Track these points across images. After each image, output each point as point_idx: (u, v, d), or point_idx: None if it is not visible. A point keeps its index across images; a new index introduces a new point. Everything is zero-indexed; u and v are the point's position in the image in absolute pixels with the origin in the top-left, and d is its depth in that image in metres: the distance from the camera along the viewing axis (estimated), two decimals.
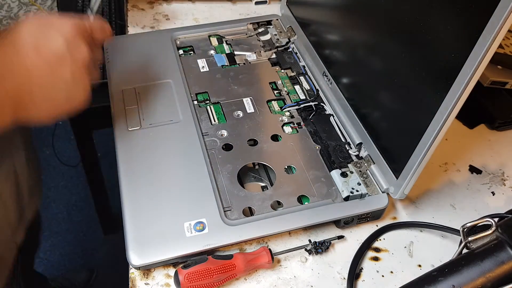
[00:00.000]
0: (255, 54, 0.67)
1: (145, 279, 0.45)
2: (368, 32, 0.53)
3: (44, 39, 0.41)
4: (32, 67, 0.40)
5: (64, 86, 0.42)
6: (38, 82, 0.41)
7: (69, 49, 0.42)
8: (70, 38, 0.42)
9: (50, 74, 0.41)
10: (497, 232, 0.38)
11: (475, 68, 0.37)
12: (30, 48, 0.40)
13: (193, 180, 0.50)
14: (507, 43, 0.69)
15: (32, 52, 0.40)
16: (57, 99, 0.43)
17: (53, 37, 0.41)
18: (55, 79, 0.41)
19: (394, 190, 0.49)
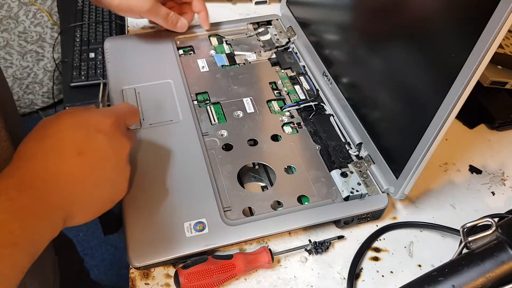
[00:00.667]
0: (255, 54, 0.67)
1: (145, 279, 0.45)
2: (368, 32, 0.53)
3: (86, 141, 0.40)
4: (77, 173, 0.39)
5: (109, 183, 0.42)
6: (84, 187, 0.40)
7: (111, 146, 0.41)
8: (111, 135, 0.42)
9: (95, 176, 0.40)
10: (497, 232, 0.38)
11: (475, 68, 0.37)
12: (73, 153, 0.39)
13: (193, 180, 0.50)
14: (507, 43, 0.69)
15: (75, 157, 0.39)
16: (103, 198, 0.42)
17: (94, 137, 0.40)
18: (101, 178, 0.41)
19: (394, 190, 0.49)
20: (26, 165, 0.38)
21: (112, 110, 0.44)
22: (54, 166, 0.38)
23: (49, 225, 0.37)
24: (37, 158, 0.38)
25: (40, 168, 0.37)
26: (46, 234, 0.37)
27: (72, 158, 0.39)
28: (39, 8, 1.64)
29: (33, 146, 0.39)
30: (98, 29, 1.37)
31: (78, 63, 1.27)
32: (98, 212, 0.42)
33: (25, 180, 0.36)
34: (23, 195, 0.35)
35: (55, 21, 1.65)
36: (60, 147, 0.39)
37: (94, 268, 1.37)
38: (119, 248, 1.41)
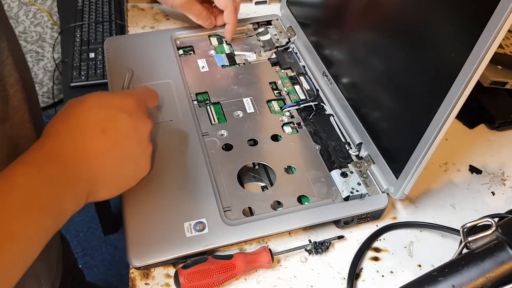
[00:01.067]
0: (255, 54, 0.67)
1: (145, 279, 0.45)
2: (368, 32, 0.53)
3: (109, 120, 0.42)
4: (102, 150, 0.41)
5: (132, 160, 0.44)
6: (108, 163, 0.42)
7: (134, 125, 0.43)
8: (133, 114, 0.44)
9: (118, 153, 0.42)
10: (497, 232, 0.38)
11: (475, 68, 0.37)
12: (97, 131, 0.41)
13: (193, 180, 0.50)
14: (507, 43, 0.69)
15: (100, 134, 0.41)
16: (126, 174, 0.45)
17: (118, 117, 0.43)
18: (124, 155, 0.43)
19: (394, 190, 0.49)
20: (53, 140, 0.40)
21: (134, 92, 0.46)
22: (80, 142, 0.40)
23: (74, 197, 0.39)
24: (63, 135, 0.40)
25: (66, 143, 0.40)
26: (70, 205, 0.39)
27: (97, 135, 0.41)
28: (39, 8, 1.64)
29: (59, 125, 0.41)
30: (98, 29, 1.37)
31: (78, 63, 1.27)
32: (121, 189, 0.45)
33: (53, 153, 0.38)
34: (51, 166, 0.38)
35: (55, 21, 1.65)
36: (85, 126, 0.41)
37: (94, 268, 1.37)
38: (119, 248, 1.41)
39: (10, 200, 0.34)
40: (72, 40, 1.34)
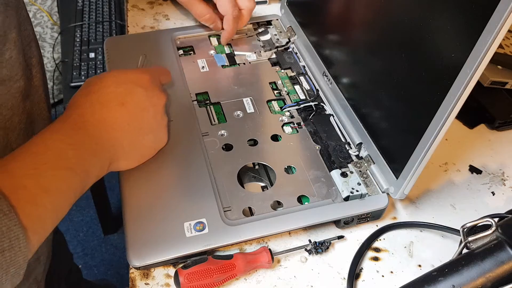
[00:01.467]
0: (255, 54, 0.67)
1: (145, 279, 0.45)
2: (368, 32, 0.53)
3: (127, 94, 0.46)
4: (121, 121, 0.45)
5: (149, 131, 0.48)
6: (128, 133, 0.46)
7: (149, 98, 0.47)
8: (149, 89, 0.47)
9: (137, 123, 0.46)
10: (497, 232, 0.38)
11: (475, 68, 0.37)
12: (117, 104, 0.45)
13: (193, 180, 0.50)
14: (507, 43, 0.69)
15: (119, 107, 0.45)
16: (145, 144, 0.48)
17: (134, 91, 0.46)
18: (142, 126, 0.46)
19: (394, 190, 0.49)
20: (77, 112, 0.43)
21: (148, 69, 0.50)
22: (100, 114, 0.44)
23: (98, 162, 0.43)
24: (86, 109, 0.44)
25: (89, 115, 0.43)
26: (95, 170, 0.43)
27: (116, 108, 0.44)
28: (39, 8, 1.64)
29: (81, 99, 0.45)
30: (98, 29, 1.37)
31: (78, 63, 1.27)
32: (140, 159, 0.49)
33: (77, 123, 0.42)
34: (77, 133, 0.42)
35: (55, 21, 1.65)
36: (105, 100, 0.44)
37: (94, 268, 1.37)
38: (119, 248, 1.41)
39: (43, 160, 0.38)
40: (72, 40, 1.34)
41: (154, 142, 0.49)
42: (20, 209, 0.35)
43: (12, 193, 0.35)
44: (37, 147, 0.39)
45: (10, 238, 0.33)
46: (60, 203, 0.39)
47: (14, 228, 0.34)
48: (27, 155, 0.38)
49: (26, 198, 0.36)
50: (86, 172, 0.41)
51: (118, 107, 0.45)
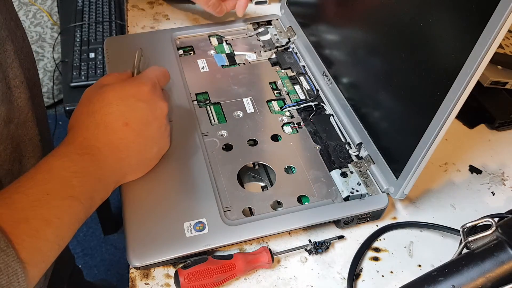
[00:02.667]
0: (255, 54, 0.67)
1: (145, 279, 0.45)
2: (368, 32, 0.53)
3: (130, 112, 0.45)
4: (127, 141, 0.45)
5: (154, 143, 0.48)
6: (134, 151, 0.46)
7: (152, 112, 0.47)
8: (150, 101, 0.47)
9: (142, 140, 0.46)
10: (497, 232, 0.38)
11: (475, 68, 0.37)
12: (121, 124, 0.44)
13: (193, 180, 0.50)
14: (507, 43, 0.69)
15: (123, 127, 0.45)
16: (150, 157, 0.49)
17: (136, 107, 0.46)
18: (146, 141, 0.47)
19: (394, 190, 0.49)
20: (82, 134, 0.43)
21: (147, 77, 0.49)
22: (105, 136, 0.44)
23: (103, 187, 0.43)
24: (91, 130, 0.44)
25: (94, 138, 0.43)
26: (100, 194, 0.43)
27: (120, 128, 0.44)
28: (39, 8, 1.64)
29: (85, 119, 0.44)
30: (98, 29, 1.37)
31: (78, 63, 1.27)
32: (147, 169, 0.49)
33: (83, 147, 0.42)
34: (82, 159, 0.41)
35: (55, 21, 1.65)
36: (109, 121, 0.44)
37: (94, 268, 1.37)
38: (119, 248, 1.41)
39: (47, 190, 0.38)
40: (72, 40, 1.34)
41: (158, 152, 0.50)
42: (20, 244, 0.34)
43: (13, 227, 0.34)
44: (41, 175, 0.39)
45: (8, 274, 0.33)
46: (62, 234, 0.39)
47: (12, 264, 0.33)
48: (30, 185, 0.38)
49: (27, 232, 0.35)
50: (91, 199, 0.41)
51: (122, 127, 0.44)
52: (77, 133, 0.44)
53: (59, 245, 0.39)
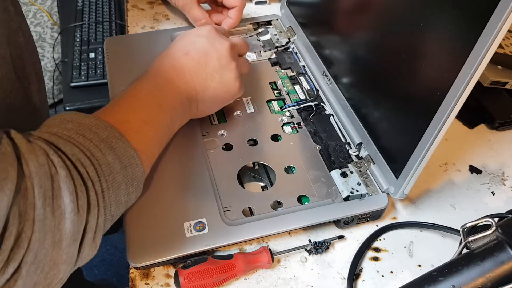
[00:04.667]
0: (255, 54, 0.67)
1: (145, 279, 0.45)
2: (368, 32, 0.53)
3: (190, 44, 0.52)
4: (188, 67, 0.50)
5: (215, 73, 0.51)
6: (196, 76, 0.50)
7: (211, 44, 0.52)
8: (209, 36, 0.52)
9: (202, 67, 0.51)
10: (497, 232, 0.38)
11: (475, 68, 0.37)
12: (182, 54, 0.51)
13: (193, 180, 0.50)
14: (507, 43, 0.69)
15: (184, 56, 0.51)
16: (214, 87, 0.52)
17: (196, 40, 0.52)
18: (207, 70, 0.51)
19: (394, 190, 0.49)
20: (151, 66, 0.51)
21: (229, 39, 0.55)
22: (169, 63, 0.51)
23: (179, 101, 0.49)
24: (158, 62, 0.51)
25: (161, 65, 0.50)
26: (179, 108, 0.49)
27: (181, 57, 0.51)
28: (39, 8, 1.64)
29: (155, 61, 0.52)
30: (98, 29, 1.37)
31: (78, 63, 1.27)
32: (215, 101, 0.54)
33: (154, 72, 0.50)
34: (156, 79, 0.49)
35: (55, 21, 1.65)
36: (172, 52, 0.52)
37: (94, 268, 1.37)
38: (119, 248, 1.41)
39: (137, 99, 0.46)
40: (72, 40, 1.34)
41: (221, 83, 0.52)
42: (129, 137, 0.41)
43: (120, 126, 0.41)
44: (131, 91, 0.47)
45: (128, 156, 0.40)
46: (158, 133, 0.46)
47: (128, 149, 0.41)
48: (124, 98, 0.46)
49: (132, 128, 0.43)
50: (172, 109, 0.48)
51: (183, 56, 0.51)
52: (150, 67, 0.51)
53: (159, 142, 0.47)
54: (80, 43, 1.33)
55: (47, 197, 0.33)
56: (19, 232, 0.31)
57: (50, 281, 0.35)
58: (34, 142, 0.35)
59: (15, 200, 0.31)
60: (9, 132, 0.34)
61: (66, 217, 0.34)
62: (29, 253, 0.32)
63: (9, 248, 0.31)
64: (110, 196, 0.39)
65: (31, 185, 0.32)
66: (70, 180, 0.34)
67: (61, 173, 0.34)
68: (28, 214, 0.32)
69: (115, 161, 0.39)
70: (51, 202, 0.33)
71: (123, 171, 0.40)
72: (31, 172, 0.32)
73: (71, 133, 0.38)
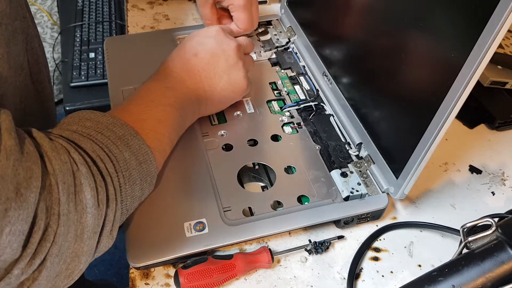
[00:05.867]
0: (255, 54, 0.67)
1: (145, 279, 0.45)
2: (368, 32, 0.53)
3: (199, 45, 0.53)
4: (197, 68, 0.52)
5: (223, 73, 0.53)
6: (204, 77, 0.52)
7: (218, 45, 0.53)
8: (217, 37, 0.54)
9: (210, 68, 0.53)
10: (497, 232, 0.38)
11: (475, 68, 0.37)
12: (191, 55, 0.53)
13: (193, 180, 0.50)
14: (507, 43, 0.69)
15: (194, 57, 0.52)
16: (222, 87, 0.53)
17: (204, 41, 0.54)
18: (216, 70, 0.53)
19: (394, 190, 0.49)
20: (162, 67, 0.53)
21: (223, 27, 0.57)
22: (180, 64, 0.52)
23: (189, 101, 0.51)
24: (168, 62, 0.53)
25: (172, 66, 0.52)
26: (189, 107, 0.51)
27: (191, 58, 0.52)
28: (39, 8, 1.64)
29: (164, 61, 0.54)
30: (98, 29, 1.37)
31: (78, 63, 1.27)
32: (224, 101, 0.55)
33: (166, 73, 0.52)
34: (167, 79, 0.51)
35: (55, 21, 1.65)
36: (182, 54, 0.53)
37: (94, 268, 1.37)
38: (119, 248, 1.41)
39: (151, 99, 0.48)
40: (72, 40, 1.34)
41: (229, 83, 0.54)
42: (144, 135, 0.43)
43: (134, 125, 0.43)
44: (143, 92, 0.49)
45: (143, 153, 0.42)
46: (170, 131, 0.48)
47: (143, 146, 0.42)
48: (138, 98, 0.48)
49: (146, 127, 0.45)
50: (183, 108, 0.50)
51: (192, 57, 0.52)
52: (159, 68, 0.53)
53: (170, 140, 0.48)
54: (80, 43, 1.33)
55: (70, 193, 0.34)
56: (46, 226, 0.33)
57: (71, 271, 0.37)
58: (56, 140, 0.37)
59: (42, 196, 0.32)
60: (31, 132, 0.36)
61: (88, 211, 0.35)
62: (54, 246, 0.33)
63: (37, 241, 0.32)
64: (127, 191, 0.41)
65: (55, 182, 0.34)
66: (91, 176, 0.36)
67: (82, 170, 0.36)
68: (54, 209, 0.33)
69: (131, 157, 0.41)
70: (74, 198, 0.35)
71: (138, 167, 0.42)
72: (54, 169, 0.34)
73: (90, 130, 0.40)
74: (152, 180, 0.45)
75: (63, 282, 0.37)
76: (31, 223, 0.32)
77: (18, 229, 0.30)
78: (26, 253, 0.32)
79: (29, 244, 0.32)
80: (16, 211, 0.30)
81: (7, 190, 0.30)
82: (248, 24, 0.64)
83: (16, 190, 0.30)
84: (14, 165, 0.30)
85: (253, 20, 0.65)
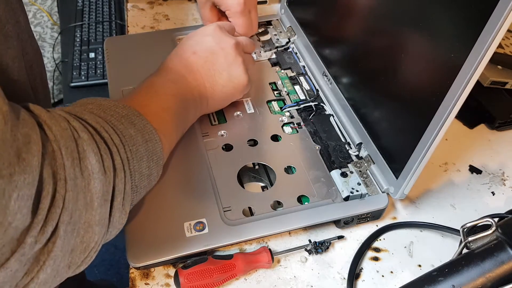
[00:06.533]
0: (255, 54, 0.67)
1: (145, 279, 0.45)
2: (368, 32, 0.53)
3: (197, 43, 0.54)
4: (197, 65, 0.53)
5: (223, 70, 0.53)
6: (204, 75, 0.53)
7: (217, 42, 0.54)
8: (215, 35, 0.54)
9: (210, 65, 0.53)
10: (497, 232, 0.38)
11: (474, 68, 0.37)
12: (190, 53, 0.53)
13: (193, 180, 0.50)
14: (507, 43, 0.69)
15: (192, 55, 0.53)
16: (223, 84, 0.54)
17: (203, 40, 0.54)
18: (215, 68, 0.53)
19: (394, 190, 0.49)
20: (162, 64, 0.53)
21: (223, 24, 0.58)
22: (179, 61, 0.53)
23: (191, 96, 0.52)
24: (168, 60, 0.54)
25: (172, 64, 0.53)
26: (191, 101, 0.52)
27: (190, 56, 0.53)
28: (39, 8, 1.64)
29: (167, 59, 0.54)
30: (98, 29, 1.37)
31: (78, 63, 1.27)
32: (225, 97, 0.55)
33: (166, 69, 0.52)
34: (169, 73, 0.52)
35: (55, 21, 1.65)
36: (181, 52, 0.54)
37: (94, 268, 1.37)
38: (119, 248, 1.41)
39: (154, 89, 0.49)
40: (72, 40, 1.34)
41: (230, 80, 0.54)
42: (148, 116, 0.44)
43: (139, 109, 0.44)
44: (146, 84, 0.50)
45: (148, 132, 0.43)
46: (174, 119, 0.48)
47: (147, 125, 0.43)
48: (140, 89, 0.49)
49: (150, 111, 0.45)
50: (186, 101, 0.50)
51: (191, 55, 0.53)
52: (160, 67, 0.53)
53: (175, 128, 0.49)
54: (80, 43, 1.33)
55: (74, 158, 0.34)
56: (53, 191, 0.33)
57: (86, 244, 0.36)
58: (54, 111, 0.37)
59: (46, 161, 0.32)
60: (27, 106, 0.36)
61: (95, 177, 0.35)
62: (64, 212, 0.33)
63: (46, 207, 0.32)
64: (134, 166, 0.41)
65: (57, 148, 0.34)
66: (93, 142, 0.36)
67: (83, 136, 0.36)
68: (60, 174, 0.33)
69: (137, 134, 0.41)
70: (79, 163, 0.35)
71: (144, 145, 0.42)
72: (55, 135, 0.34)
73: (93, 110, 0.40)
74: (158, 160, 0.44)
75: (80, 258, 0.36)
76: (39, 189, 0.31)
77: (26, 193, 0.30)
78: (37, 220, 0.31)
79: (39, 210, 0.32)
80: (21, 175, 0.30)
81: (8, 154, 0.29)
82: (247, 29, 0.64)
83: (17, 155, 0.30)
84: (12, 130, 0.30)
85: (253, 24, 0.65)
